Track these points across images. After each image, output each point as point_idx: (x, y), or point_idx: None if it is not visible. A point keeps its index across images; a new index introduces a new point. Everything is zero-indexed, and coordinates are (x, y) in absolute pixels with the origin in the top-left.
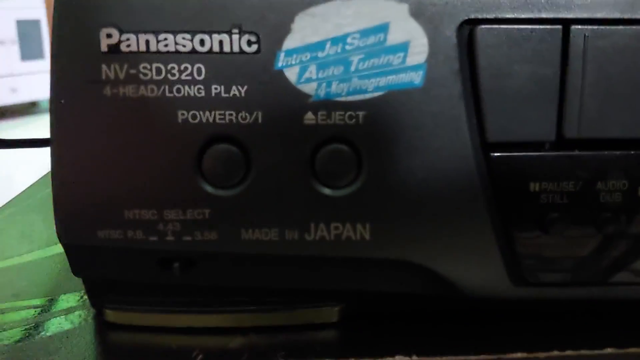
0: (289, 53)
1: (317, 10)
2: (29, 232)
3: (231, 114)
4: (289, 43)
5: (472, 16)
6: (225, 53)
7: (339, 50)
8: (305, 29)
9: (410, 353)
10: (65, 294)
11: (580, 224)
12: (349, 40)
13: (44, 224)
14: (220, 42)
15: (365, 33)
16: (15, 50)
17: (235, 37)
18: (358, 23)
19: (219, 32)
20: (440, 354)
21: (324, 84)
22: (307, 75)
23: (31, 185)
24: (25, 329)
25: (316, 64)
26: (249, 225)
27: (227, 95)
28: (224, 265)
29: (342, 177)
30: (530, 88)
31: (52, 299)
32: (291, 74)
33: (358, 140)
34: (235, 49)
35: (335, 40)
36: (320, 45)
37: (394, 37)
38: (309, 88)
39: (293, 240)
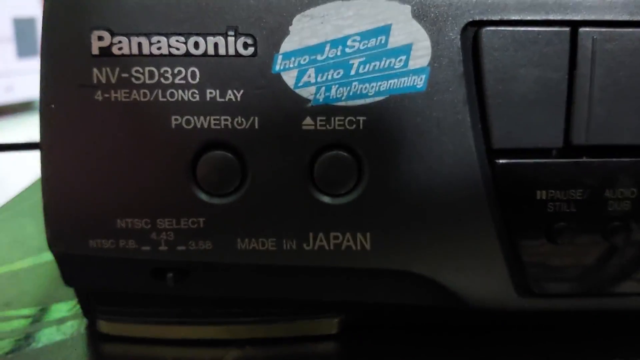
0: (287, 56)
1: (315, 11)
2: (21, 238)
3: (227, 119)
4: (287, 45)
5: (477, 18)
6: (221, 56)
7: (339, 53)
8: (303, 31)
9: None
10: (57, 303)
11: (587, 233)
12: (349, 42)
13: (37, 229)
14: (215, 45)
15: (366, 35)
16: (11, 48)
17: (231, 39)
18: (359, 25)
19: (214, 35)
20: None
21: (323, 88)
22: (305, 79)
23: (24, 189)
24: (16, 340)
25: (315, 67)
26: (245, 234)
27: (222, 99)
28: (220, 275)
29: (342, 184)
30: (537, 92)
31: (44, 309)
32: (289, 78)
33: (358, 146)
34: (231, 51)
35: (334, 43)
36: (319, 48)
37: (395, 40)
38: (307, 92)
39: (291, 250)
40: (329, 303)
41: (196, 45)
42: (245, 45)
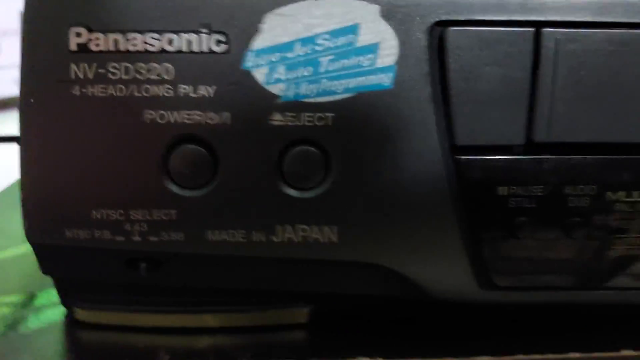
0: (258, 53)
1: (287, 10)
2: (6, 229)
3: (199, 115)
4: (259, 43)
5: (444, 18)
6: (194, 53)
7: (309, 51)
8: (275, 29)
9: (374, 355)
10: (39, 291)
11: (548, 228)
12: (318, 41)
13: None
14: (189, 42)
15: (335, 34)
16: (18, 41)
17: (204, 36)
18: (328, 24)
19: (187, 32)
20: (404, 356)
21: (293, 85)
22: (276, 75)
23: (15, 182)
24: None
25: (285, 64)
26: (215, 226)
27: (195, 95)
28: (191, 265)
29: (310, 178)
30: (500, 91)
31: (25, 297)
32: (260, 75)
33: (326, 142)
34: (204, 48)
35: (304, 41)
36: (289, 46)
37: (364, 39)
38: (277, 89)
39: (260, 241)
40: (299, 293)
41: (170, 42)
42: (218, 43)
